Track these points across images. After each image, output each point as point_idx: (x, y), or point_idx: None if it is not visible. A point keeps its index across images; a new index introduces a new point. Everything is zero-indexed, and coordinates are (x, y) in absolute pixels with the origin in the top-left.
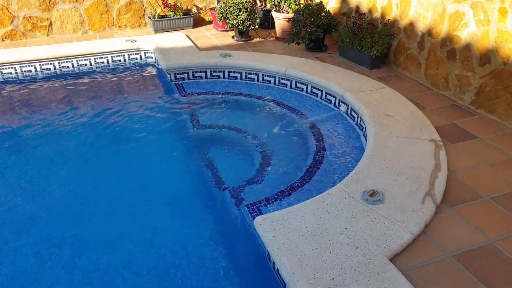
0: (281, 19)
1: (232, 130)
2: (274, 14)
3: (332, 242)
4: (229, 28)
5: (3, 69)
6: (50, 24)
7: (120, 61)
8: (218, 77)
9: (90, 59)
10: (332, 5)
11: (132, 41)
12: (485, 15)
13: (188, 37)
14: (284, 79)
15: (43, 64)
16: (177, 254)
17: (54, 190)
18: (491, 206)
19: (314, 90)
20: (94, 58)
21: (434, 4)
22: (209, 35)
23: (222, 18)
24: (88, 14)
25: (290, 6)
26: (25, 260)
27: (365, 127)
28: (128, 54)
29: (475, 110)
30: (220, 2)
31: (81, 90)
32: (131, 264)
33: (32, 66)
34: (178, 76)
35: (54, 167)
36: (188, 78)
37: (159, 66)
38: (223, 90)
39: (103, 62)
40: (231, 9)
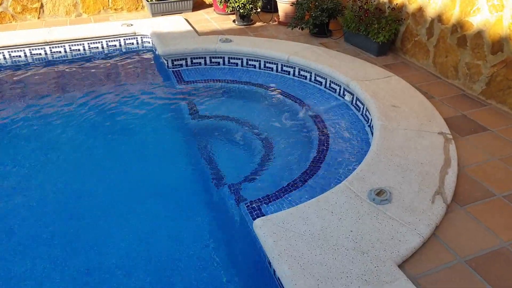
0: (284, 3)
1: (232, 121)
2: None
3: (337, 247)
4: (230, 11)
5: None
6: (42, 6)
7: (115, 46)
8: (218, 63)
9: (83, 44)
10: None
11: (128, 25)
12: (499, 0)
13: (187, 21)
14: (286, 66)
15: (33, 49)
16: (172, 256)
17: (45, 184)
18: (504, 205)
19: (318, 78)
20: (88, 43)
21: None
22: (209, 19)
23: (223, 1)
24: None
25: None
26: (15, 259)
27: (370, 119)
28: (124, 39)
29: (485, 101)
30: None
31: (73, 77)
32: (125, 265)
33: (21, 51)
34: (175, 62)
35: (44, 159)
36: (186, 65)
37: (156, 52)
38: (223, 77)
39: (98, 48)
40: None
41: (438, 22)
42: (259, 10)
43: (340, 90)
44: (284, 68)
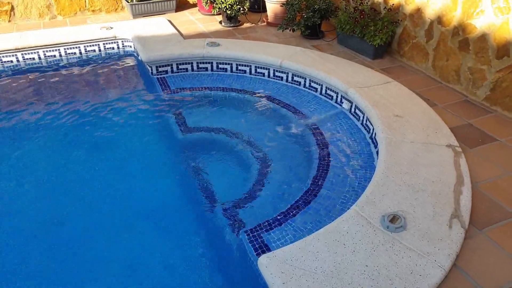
0: (273, 3)
1: (223, 133)
2: None
3: (353, 285)
4: (216, 12)
5: None
6: (12, 8)
7: (94, 51)
8: (206, 69)
9: (59, 50)
10: None
11: (107, 28)
12: (505, 2)
13: (170, 22)
14: (279, 72)
15: (3, 56)
16: None
17: (16, 210)
18: None
19: (313, 84)
20: (64, 49)
21: None
22: (194, 20)
23: (209, 1)
24: None
25: None
26: None
27: (372, 128)
28: (103, 44)
29: (490, 107)
30: None
31: (48, 86)
32: None
33: None
34: (160, 69)
35: (14, 181)
36: (172, 71)
37: (139, 57)
38: (212, 85)
39: (75, 53)
40: None
41: (438, 24)
42: (247, 10)
43: (337, 97)
44: (276, 73)
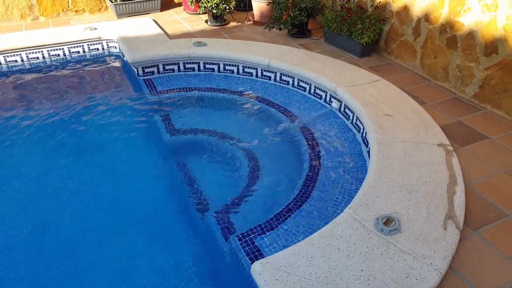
0: (259, 1)
1: (212, 135)
2: None
3: None
4: (202, 12)
5: None
6: None
7: (78, 53)
8: (192, 69)
9: (42, 52)
10: None
11: (91, 28)
12: (493, 0)
13: (155, 22)
14: (267, 71)
15: None
16: None
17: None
18: None
19: (301, 83)
20: (48, 50)
21: None
22: (179, 20)
23: (194, 0)
24: None
25: None
26: None
27: (362, 128)
28: (87, 45)
29: (479, 104)
30: None
31: (32, 89)
32: None
33: None
34: (146, 70)
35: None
36: (158, 72)
37: (125, 58)
38: (199, 85)
39: (58, 55)
40: None
41: (425, 22)
42: (233, 9)
43: (326, 96)
44: (264, 73)
